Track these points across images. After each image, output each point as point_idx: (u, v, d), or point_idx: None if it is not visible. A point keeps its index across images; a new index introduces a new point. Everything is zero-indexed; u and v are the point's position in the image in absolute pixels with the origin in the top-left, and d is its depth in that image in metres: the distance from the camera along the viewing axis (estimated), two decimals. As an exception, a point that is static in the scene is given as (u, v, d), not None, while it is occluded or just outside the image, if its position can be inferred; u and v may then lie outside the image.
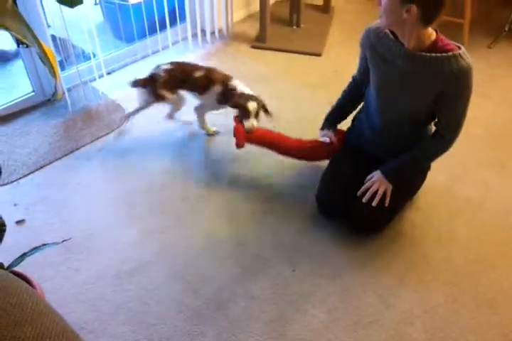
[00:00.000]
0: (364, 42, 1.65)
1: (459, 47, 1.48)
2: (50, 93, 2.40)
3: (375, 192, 1.67)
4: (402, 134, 1.72)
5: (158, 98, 2.06)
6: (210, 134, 2.26)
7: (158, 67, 2.07)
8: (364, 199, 1.68)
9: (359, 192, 1.70)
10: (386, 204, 1.68)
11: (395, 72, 1.57)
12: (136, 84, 2.06)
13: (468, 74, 1.47)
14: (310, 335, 1.50)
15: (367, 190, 1.69)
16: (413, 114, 1.66)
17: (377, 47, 1.59)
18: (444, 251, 1.78)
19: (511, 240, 1.83)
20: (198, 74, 2.04)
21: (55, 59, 1.21)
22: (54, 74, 1.19)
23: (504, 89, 2.72)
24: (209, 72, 2.06)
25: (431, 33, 1.48)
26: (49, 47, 2.26)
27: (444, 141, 1.64)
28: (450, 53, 1.44)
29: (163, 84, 2.02)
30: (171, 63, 2.09)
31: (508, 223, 1.90)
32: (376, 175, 1.70)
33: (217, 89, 2.03)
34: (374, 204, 1.66)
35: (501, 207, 1.97)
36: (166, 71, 2.04)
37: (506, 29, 3.23)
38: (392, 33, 1.55)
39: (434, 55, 1.46)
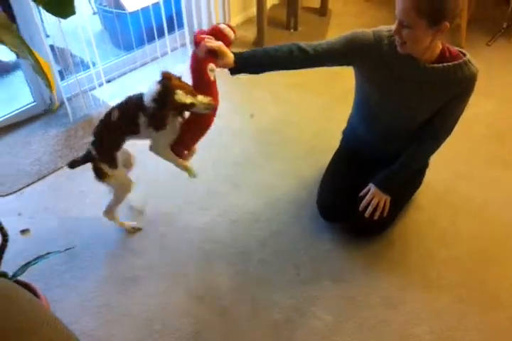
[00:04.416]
0: (370, 48, 1.48)
1: (463, 53, 1.49)
2: (48, 103, 2.42)
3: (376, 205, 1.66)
4: (405, 138, 1.69)
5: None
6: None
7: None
8: (366, 214, 1.66)
9: (360, 208, 1.67)
10: (385, 215, 1.67)
11: (404, 85, 1.53)
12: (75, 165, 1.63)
13: (476, 78, 1.50)
14: (316, 339, 1.49)
15: (367, 204, 1.66)
16: (418, 120, 1.63)
17: (388, 58, 1.48)
18: (449, 249, 1.77)
19: (516, 237, 1.83)
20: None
21: (49, 70, 1.21)
22: (49, 85, 1.20)
23: (504, 86, 2.71)
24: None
25: (438, 43, 1.47)
26: (45, 58, 2.27)
27: (436, 143, 1.65)
28: (461, 60, 1.46)
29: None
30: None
31: (511, 219, 1.89)
32: (372, 188, 1.68)
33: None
34: (376, 217, 1.66)
35: (505, 203, 1.96)
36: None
37: (504, 26, 3.23)
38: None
39: (446, 64, 1.46)
